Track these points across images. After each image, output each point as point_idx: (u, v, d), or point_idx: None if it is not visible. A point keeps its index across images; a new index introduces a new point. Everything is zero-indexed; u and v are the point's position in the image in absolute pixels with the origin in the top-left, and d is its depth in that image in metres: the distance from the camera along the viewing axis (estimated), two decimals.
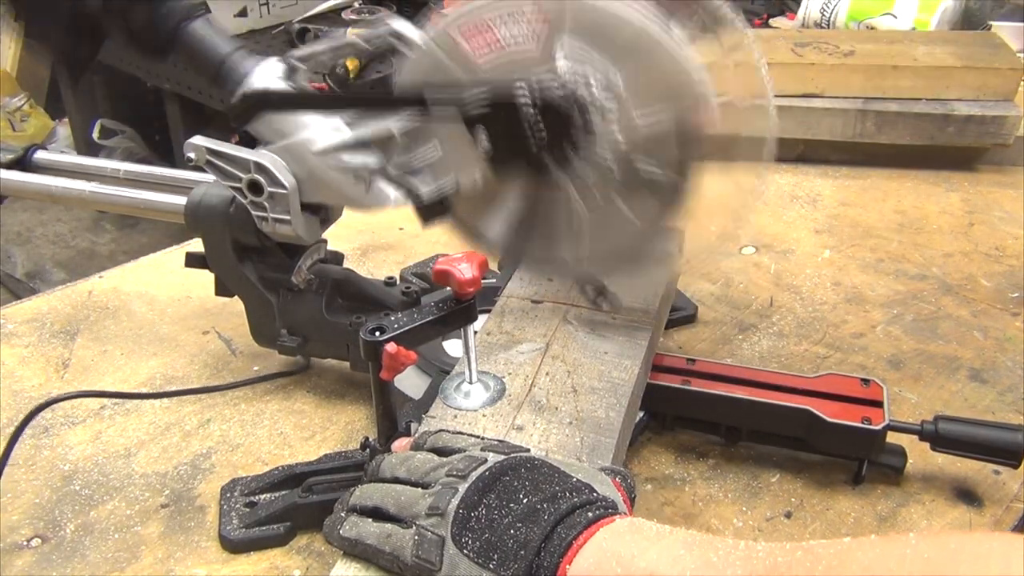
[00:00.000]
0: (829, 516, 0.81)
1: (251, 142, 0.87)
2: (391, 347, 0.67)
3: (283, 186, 0.85)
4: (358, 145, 0.83)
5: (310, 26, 2.17)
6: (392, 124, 0.80)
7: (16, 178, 1.02)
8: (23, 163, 1.05)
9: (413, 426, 0.74)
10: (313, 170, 0.84)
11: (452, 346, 0.91)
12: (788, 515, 0.81)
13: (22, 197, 1.04)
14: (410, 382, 0.89)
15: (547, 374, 0.77)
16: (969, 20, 2.18)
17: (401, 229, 1.33)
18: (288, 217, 0.86)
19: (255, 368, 1.01)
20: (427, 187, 0.82)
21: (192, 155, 0.86)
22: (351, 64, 1.95)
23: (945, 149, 1.48)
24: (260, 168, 0.84)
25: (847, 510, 0.82)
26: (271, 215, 0.87)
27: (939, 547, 0.41)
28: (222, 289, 0.95)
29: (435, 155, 0.82)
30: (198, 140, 0.86)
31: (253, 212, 0.87)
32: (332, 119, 0.83)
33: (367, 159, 0.83)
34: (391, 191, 0.83)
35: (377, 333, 0.69)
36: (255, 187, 0.86)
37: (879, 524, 0.81)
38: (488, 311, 0.87)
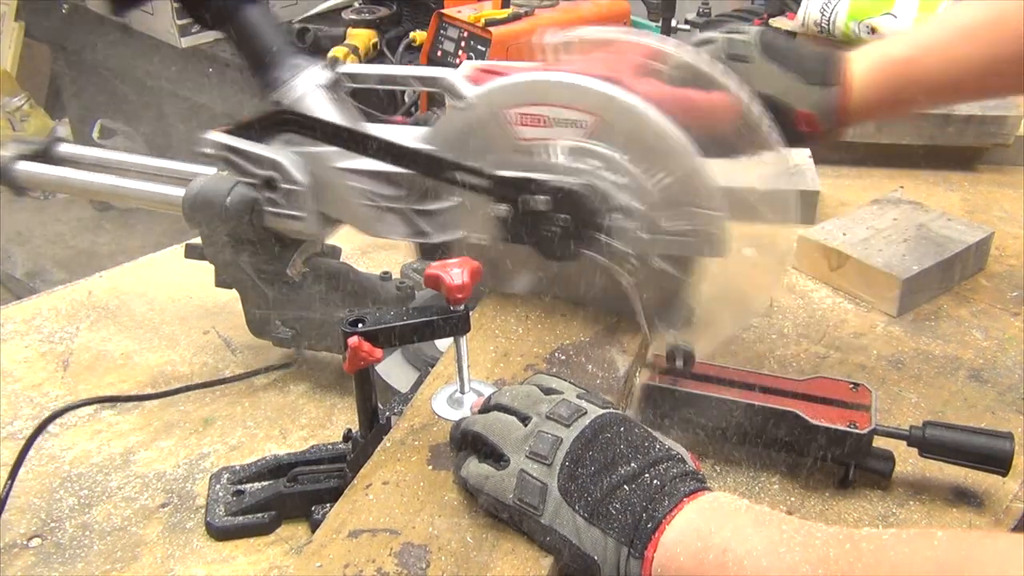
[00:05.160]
0: (829, 518, 0.81)
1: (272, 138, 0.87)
2: (353, 341, 0.66)
3: (298, 184, 0.84)
4: (382, 175, 0.83)
5: (310, 26, 2.17)
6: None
7: (34, 170, 1.02)
8: (46, 155, 1.05)
9: (394, 419, 0.74)
10: (330, 182, 0.84)
11: (443, 341, 0.91)
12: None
13: (40, 188, 1.04)
14: (398, 374, 0.89)
15: None
16: None
17: None
18: (303, 214, 0.86)
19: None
20: (436, 232, 0.84)
21: (208, 150, 0.85)
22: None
23: (945, 149, 1.47)
24: (275, 165, 0.84)
25: (847, 511, 0.82)
26: (285, 211, 0.86)
27: (955, 547, 0.46)
28: (221, 280, 0.95)
29: (452, 204, 0.83)
30: (214, 135, 0.85)
31: (266, 208, 0.87)
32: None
33: (386, 190, 0.83)
34: (401, 225, 0.85)
35: (359, 325, 0.68)
36: (270, 184, 0.85)
37: (879, 525, 0.81)
38: None
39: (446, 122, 0.81)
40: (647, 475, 0.59)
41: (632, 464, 0.60)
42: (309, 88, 0.84)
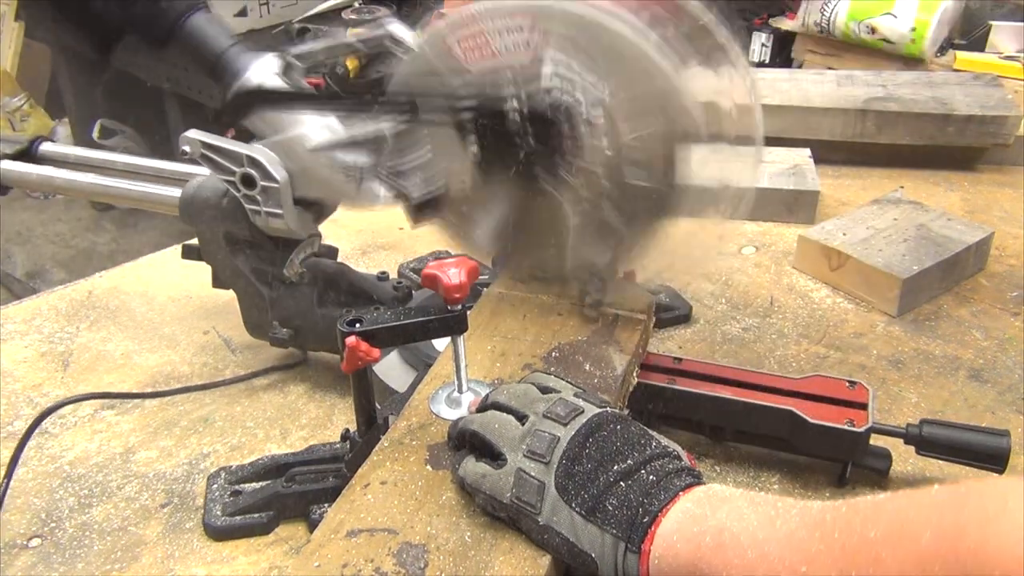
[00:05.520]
0: None
1: (248, 137, 0.88)
2: (351, 340, 0.66)
3: (275, 180, 0.86)
4: (351, 144, 0.84)
5: (310, 26, 2.17)
6: (384, 126, 0.82)
7: (20, 168, 1.02)
8: (29, 154, 1.06)
9: (391, 419, 0.74)
10: (306, 166, 0.86)
11: (440, 341, 0.91)
12: None
13: (26, 187, 1.05)
14: (396, 375, 0.89)
15: None
16: (969, 20, 2.18)
17: (401, 229, 1.33)
18: (280, 211, 0.87)
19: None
20: (416, 188, 0.84)
21: (187, 148, 0.87)
22: (351, 63, 1.95)
23: (945, 149, 1.47)
24: (253, 162, 0.85)
25: None
26: (264, 209, 0.87)
27: (952, 492, 0.46)
28: (218, 281, 0.96)
29: (426, 157, 0.84)
30: (193, 134, 0.87)
31: (246, 205, 0.88)
32: (326, 117, 0.85)
33: (359, 157, 0.84)
34: (381, 190, 0.85)
35: (357, 325, 0.68)
36: (248, 181, 0.87)
37: None
38: None
39: (398, 75, 0.81)
40: (643, 471, 0.59)
41: (628, 461, 0.60)
42: (263, 77, 0.85)
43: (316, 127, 0.84)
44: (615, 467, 0.59)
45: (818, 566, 0.47)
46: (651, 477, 0.59)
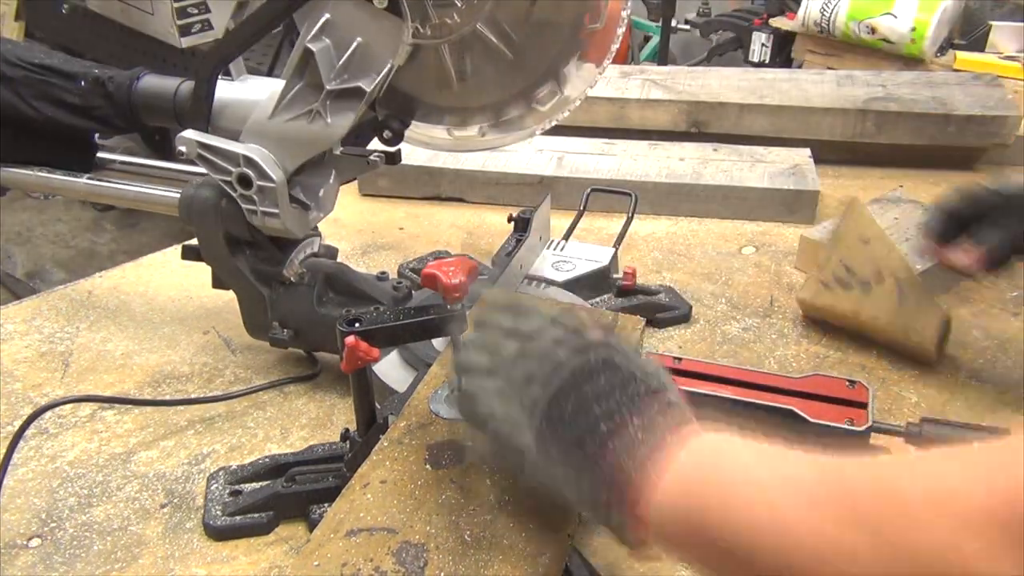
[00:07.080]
0: None
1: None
2: (350, 340, 0.67)
3: (271, 179, 0.86)
4: (296, 89, 0.84)
5: None
6: (306, 43, 0.81)
7: (19, 169, 1.02)
8: None
9: (391, 419, 0.74)
10: (278, 135, 0.86)
11: (440, 341, 0.91)
12: None
13: (25, 188, 1.06)
14: (396, 375, 0.89)
15: None
16: (969, 20, 2.18)
17: (401, 229, 1.33)
18: (277, 211, 0.87)
19: (251, 373, 1.01)
20: (365, 81, 0.82)
21: (183, 148, 0.87)
22: None
23: (945, 149, 1.48)
24: (249, 162, 0.86)
25: None
26: (260, 208, 0.88)
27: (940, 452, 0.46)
28: (219, 281, 0.96)
29: (357, 46, 0.82)
30: (189, 134, 0.87)
31: (243, 205, 0.88)
32: (272, 87, 0.87)
33: (308, 96, 0.84)
34: (345, 110, 0.84)
35: (357, 325, 0.68)
36: (244, 180, 0.87)
37: None
38: None
39: None
40: (630, 428, 0.57)
41: (611, 400, 0.56)
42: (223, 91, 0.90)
43: (265, 98, 0.86)
44: (596, 409, 0.55)
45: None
46: (639, 435, 0.56)
